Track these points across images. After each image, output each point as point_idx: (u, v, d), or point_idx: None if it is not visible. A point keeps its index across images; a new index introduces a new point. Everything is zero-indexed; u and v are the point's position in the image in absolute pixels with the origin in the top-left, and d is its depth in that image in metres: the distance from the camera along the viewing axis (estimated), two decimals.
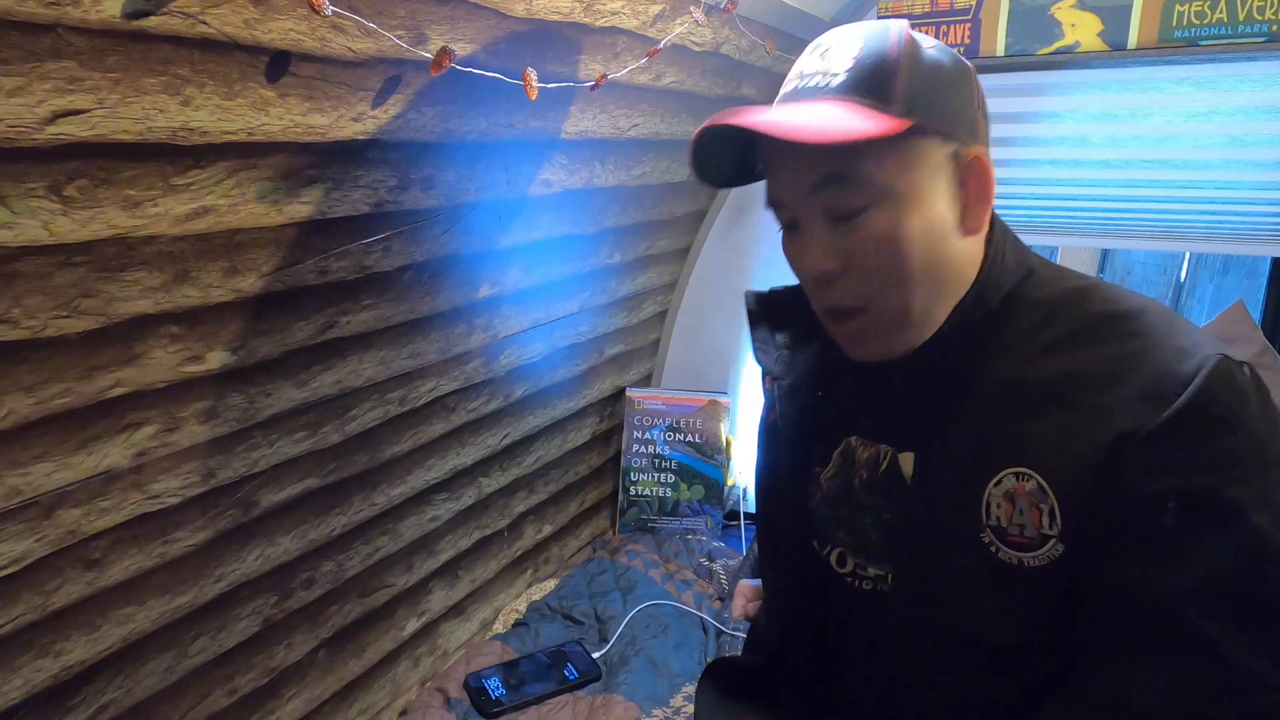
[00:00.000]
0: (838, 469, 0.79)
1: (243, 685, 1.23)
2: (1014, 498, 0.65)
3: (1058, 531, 0.63)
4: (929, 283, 0.67)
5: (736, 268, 2.10)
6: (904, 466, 0.74)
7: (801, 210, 0.68)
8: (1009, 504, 0.65)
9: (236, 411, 1.06)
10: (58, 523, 0.91)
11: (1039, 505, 0.64)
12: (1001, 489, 0.65)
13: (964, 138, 0.67)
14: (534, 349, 1.67)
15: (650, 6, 1.22)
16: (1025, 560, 0.64)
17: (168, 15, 0.71)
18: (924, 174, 0.66)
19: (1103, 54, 1.52)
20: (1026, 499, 0.64)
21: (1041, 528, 0.64)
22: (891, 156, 0.65)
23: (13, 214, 0.72)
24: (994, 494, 0.66)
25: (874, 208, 0.65)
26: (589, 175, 1.48)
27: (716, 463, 2.14)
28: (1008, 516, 0.65)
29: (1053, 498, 0.63)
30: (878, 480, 0.76)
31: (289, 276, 1.03)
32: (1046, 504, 0.63)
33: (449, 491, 1.59)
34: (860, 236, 0.66)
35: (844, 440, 0.79)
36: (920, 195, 0.65)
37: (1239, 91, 1.49)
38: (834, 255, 0.67)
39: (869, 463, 0.77)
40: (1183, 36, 1.44)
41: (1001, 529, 0.65)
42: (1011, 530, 0.65)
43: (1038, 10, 1.56)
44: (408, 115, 1.02)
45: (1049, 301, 0.69)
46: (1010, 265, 0.71)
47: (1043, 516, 0.64)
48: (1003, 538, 0.65)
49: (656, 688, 1.51)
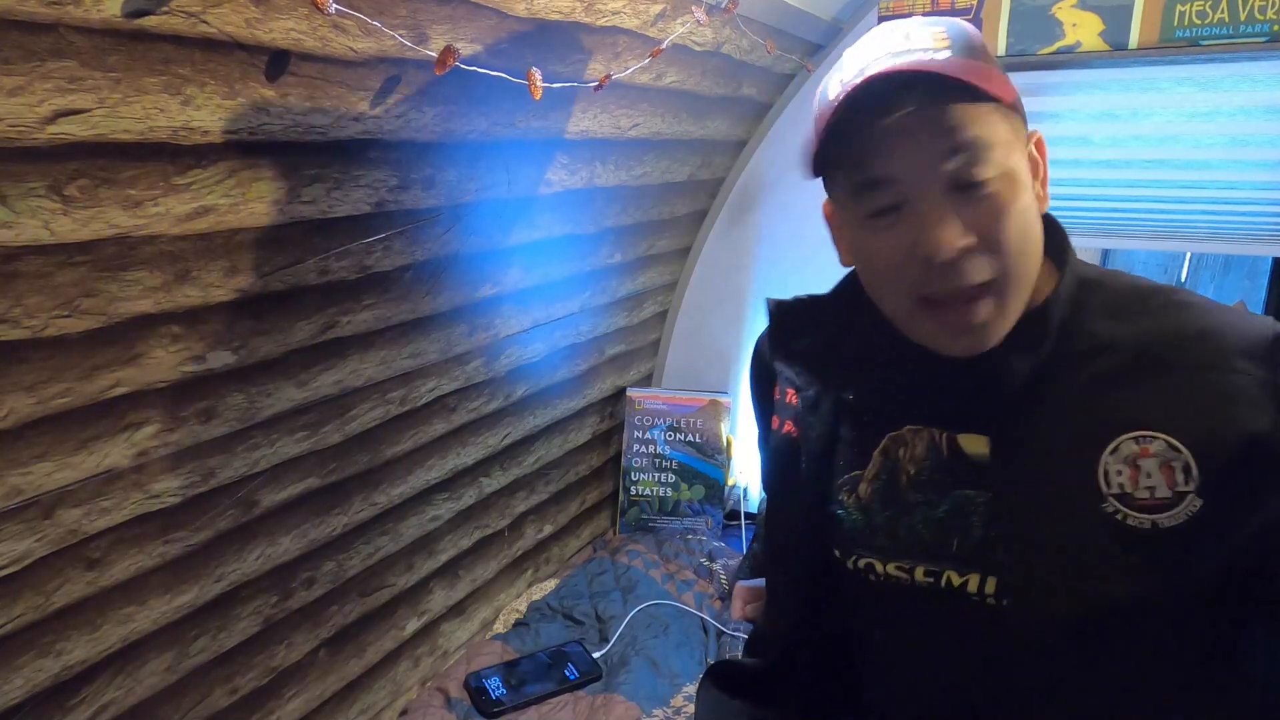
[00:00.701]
0: (879, 469, 0.77)
1: (243, 685, 1.23)
2: (1137, 461, 0.64)
3: (1194, 486, 0.63)
4: (1034, 262, 0.68)
5: (737, 268, 2.10)
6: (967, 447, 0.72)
7: (924, 185, 0.65)
8: (1132, 469, 0.64)
9: (237, 411, 1.06)
10: (58, 522, 0.91)
11: (1171, 464, 0.63)
12: (1119, 456, 0.65)
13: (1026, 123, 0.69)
14: (535, 349, 1.67)
15: (651, 6, 1.21)
16: (1160, 522, 0.64)
17: (169, 15, 0.71)
18: (1020, 149, 0.67)
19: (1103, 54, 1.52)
20: (1154, 460, 0.64)
21: (1175, 485, 0.63)
22: (1006, 126, 0.65)
23: (14, 213, 0.72)
24: (1110, 462, 0.65)
25: (997, 180, 0.64)
26: (590, 175, 1.48)
27: (717, 463, 2.14)
28: (1132, 482, 0.64)
29: (1186, 453, 0.63)
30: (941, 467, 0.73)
31: (289, 276, 1.03)
32: (1180, 460, 0.63)
33: (449, 491, 1.59)
34: (988, 209, 0.64)
35: (885, 437, 0.76)
36: (1023, 173, 0.66)
37: (1240, 91, 1.49)
38: (969, 228, 0.64)
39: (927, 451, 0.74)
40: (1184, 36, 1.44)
41: (1127, 495, 0.64)
42: (1139, 494, 0.64)
43: (1038, 10, 1.56)
44: (409, 115, 1.02)
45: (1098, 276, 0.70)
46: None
47: (1176, 474, 0.63)
48: (1129, 503, 0.64)
49: (657, 688, 1.51)
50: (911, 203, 0.66)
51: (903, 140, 0.65)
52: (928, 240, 0.65)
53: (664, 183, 1.76)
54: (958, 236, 0.64)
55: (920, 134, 0.64)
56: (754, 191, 2.01)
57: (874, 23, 1.73)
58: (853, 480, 0.78)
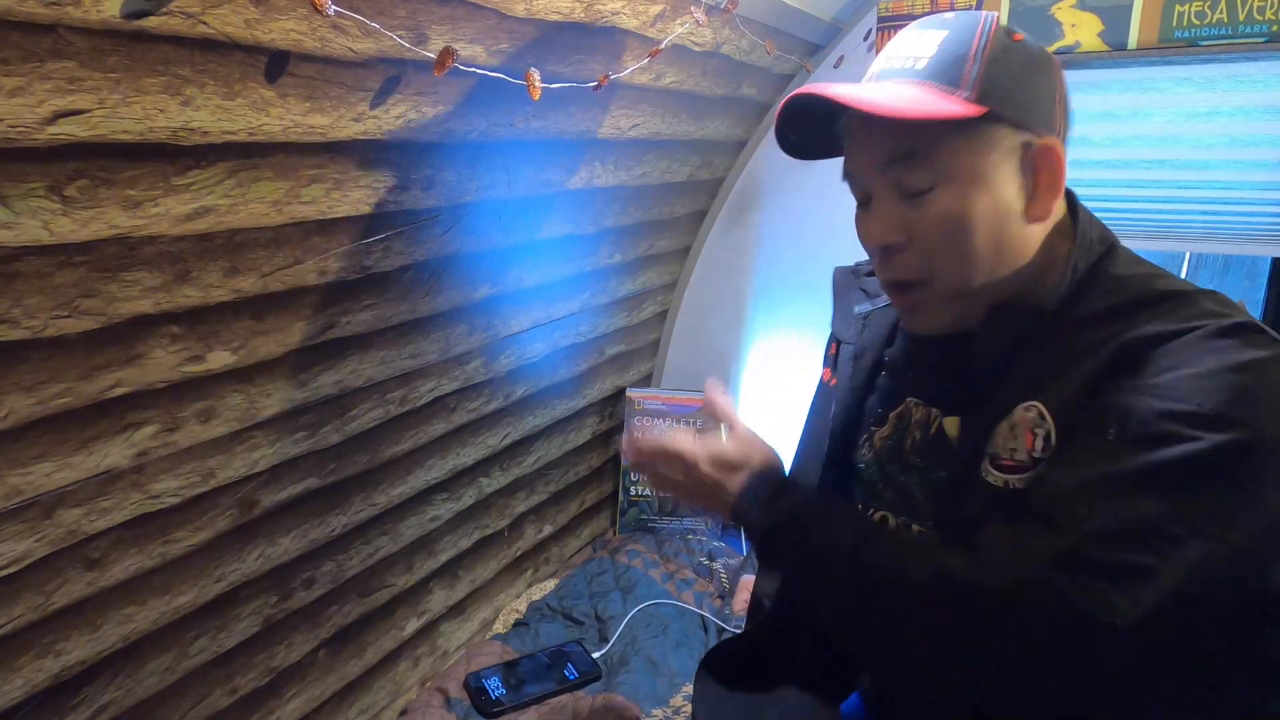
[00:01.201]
0: (893, 429, 0.83)
1: (243, 685, 1.23)
2: (1014, 426, 0.67)
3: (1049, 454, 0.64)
4: (989, 263, 0.70)
5: (736, 268, 2.10)
6: (949, 429, 0.77)
7: (873, 185, 0.72)
8: (1008, 433, 0.67)
9: (236, 411, 1.06)
10: (58, 522, 0.91)
11: (1034, 430, 0.66)
12: (1009, 420, 0.68)
13: (1038, 128, 0.69)
14: (534, 349, 1.67)
15: (650, 6, 1.22)
16: (1010, 482, 0.66)
17: (168, 15, 0.71)
18: (993, 158, 0.68)
19: (1103, 54, 1.52)
20: (1024, 425, 0.66)
21: (1034, 451, 0.65)
22: (962, 139, 0.68)
23: (13, 214, 0.72)
24: (1002, 427, 0.68)
25: (941, 186, 0.68)
26: (589, 175, 1.48)
27: None
28: (1003, 444, 0.68)
29: (1050, 422, 0.65)
30: (928, 441, 0.79)
31: (289, 276, 1.03)
32: (1043, 428, 0.65)
33: (449, 491, 1.59)
34: (926, 213, 0.69)
35: (903, 402, 0.82)
36: (987, 178, 0.68)
37: (1239, 92, 1.49)
38: (898, 229, 0.71)
39: (921, 424, 0.80)
40: (1183, 37, 1.44)
41: (995, 455, 0.68)
42: (1003, 454, 0.67)
43: (1038, 10, 1.56)
44: (408, 115, 1.02)
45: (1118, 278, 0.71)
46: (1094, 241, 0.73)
47: (1036, 440, 0.65)
48: (995, 463, 0.68)
49: (656, 688, 1.51)
50: (870, 196, 0.74)
51: (858, 142, 0.73)
52: (867, 233, 0.74)
53: (664, 183, 1.76)
54: (883, 234, 0.72)
55: (869, 137, 0.72)
56: (754, 191, 2.01)
57: (874, 23, 1.73)
58: (872, 435, 0.85)
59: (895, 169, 0.70)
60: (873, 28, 1.74)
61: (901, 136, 0.68)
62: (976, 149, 0.68)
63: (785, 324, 2.08)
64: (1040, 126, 0.69)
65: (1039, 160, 0.69)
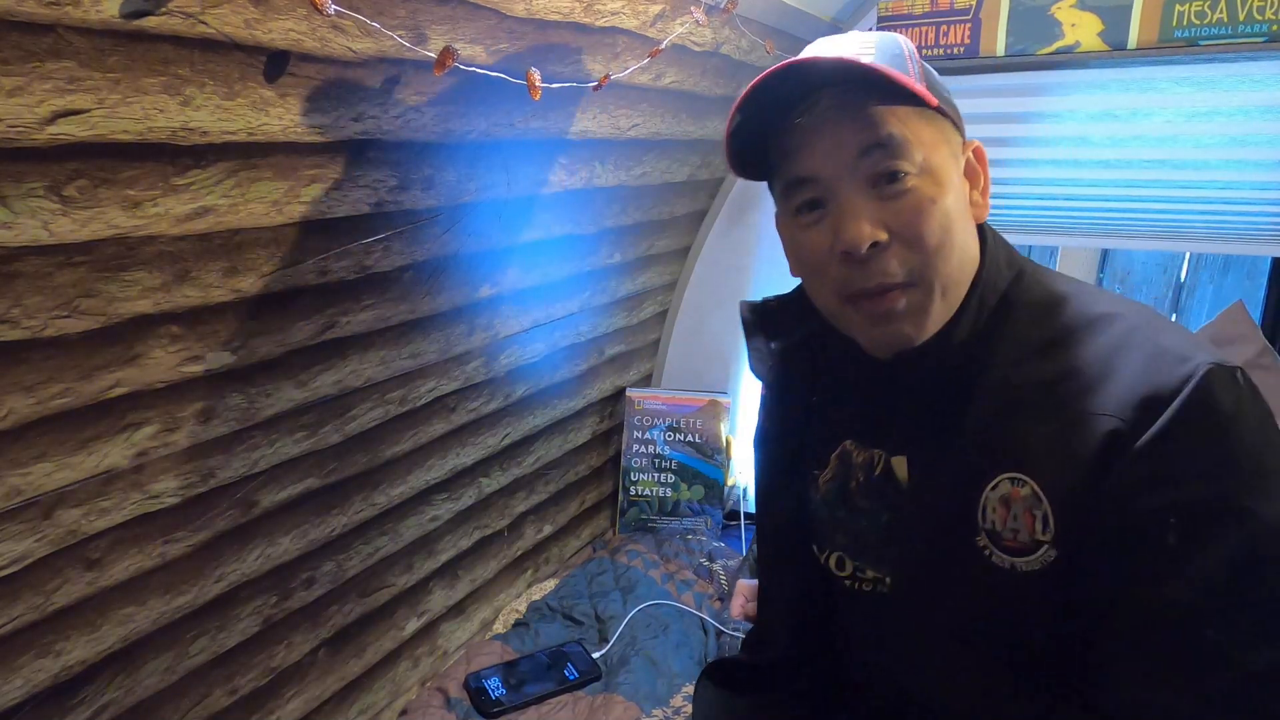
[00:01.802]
0: (835, 472, 0.80)
1: (243, 685, 1.23)
2: (1009, 502, 0.65)
3: (1050, 537, 0.63)
4: (956, 264, 0.68)
5: (737, 268, 2.10)
6: (898, 470, 0.75)
7: (841, 182, 0.67)
8: (1004, 508, 0.65)
9: (236, 411, 1.06)
10: (58, 522, 0.91)
11: (1032, 511, 0.64)
12: (998, 493, 0.66)
13: (962, 133, 0.70)
14: (534, 349, 1.67)
15: (650, 6, 1.22)
16: (1018, 565, 0.65)
17: (168, 15, 0.71)
18: (948, 155, 0.68)
19: (1103, 54, 1.52)
20: (1021, 504, 0.64)
21: (1035, 533, 0.64)
22: (930, 129, 0.67)
23: (13, 214, 0.72)
24: (990, 498, 0.66)
25: (915, 177, 0.66)
26: (589, 175, 1.48)
27: (717, 463, 2.14)
28: (1002, 521, 0.65)
29: (1046, 504, 0.63)
30: (874, 483, 0.76)
31: (289, 276, 1.03)
32: (1040, 510, 0.63)
33: (449, 491, 1.59)
34: (906, 205, 0.65)
35: (840, 444, 0.80)
36: (948, 175, 0.67)
37: (1239, 91, 1.49)
38: (880, 225, 0.66)
39: (864, 466, 0.77)
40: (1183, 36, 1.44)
41: (996, 533, 0.66)
42: (1005, 535, 0.65)
43: (1038, 10, 1.56)
44: (408, 115, 1.02)
45: (1040, 303, 0.69)
46: (1003, 265, 0.71)
47: (1035, 522, 0.64)
48: (997, 542, 0.66)
49: (656, 688, 1.51)
50: (832, 199, 0.68)
51: (822, 137, 0.67)
52: (843, 235, 0.66)
53: (664, 183, 1.76)
54: (868, 231, 0.65)
55: (838, 131, 0.66)
56: (754, 191, 2.01)
57: (874, 23, 1.73)
58: (815, 477, 0.82)
59: (870, 159, 0.66)
60: (872, 27, 1.74)
61: (887, 122, 0.65)
62: (939, 140, 0.67)
63: None
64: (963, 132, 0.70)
65: (979, 160, 0.70)
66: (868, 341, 0.72)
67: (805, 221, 0.70)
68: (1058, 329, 0.67)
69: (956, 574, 0.68)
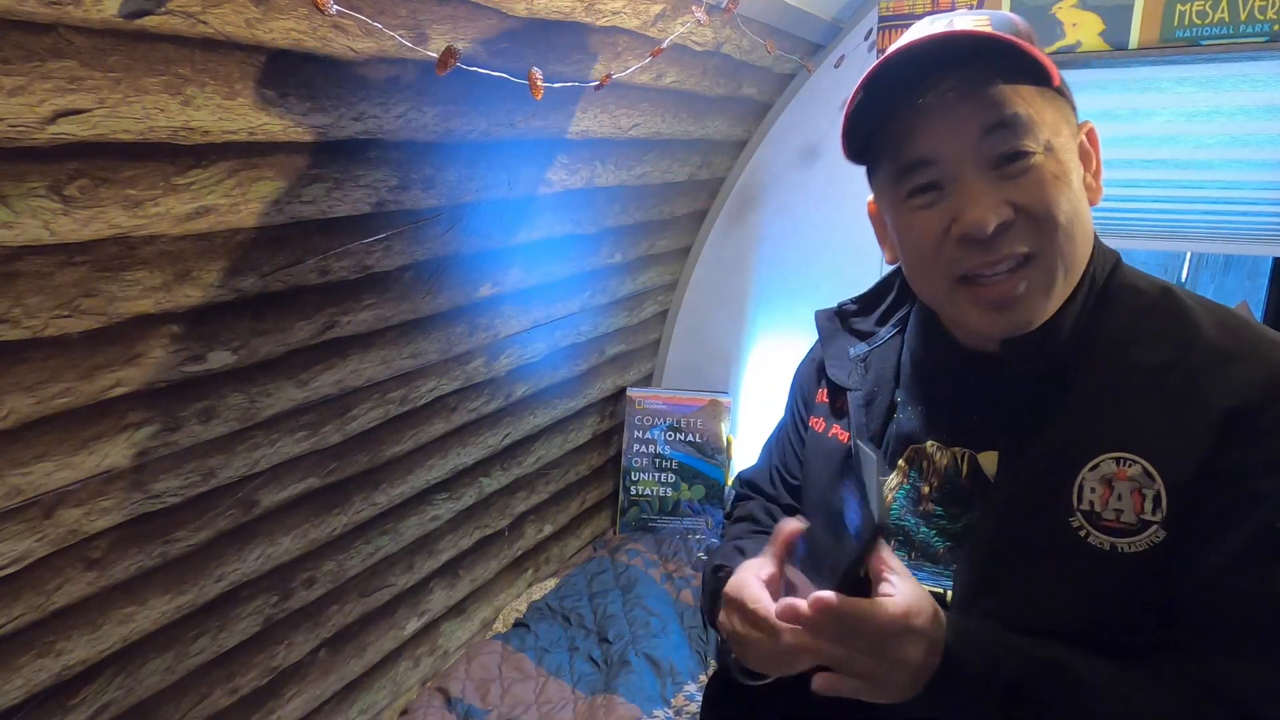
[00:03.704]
0: (904, 477, 0.77)
1: (243, 685, 1.23)
2: (1112, 482, 0.64)
3: (1161, 518, 0.62)
4: (1080, 245, 0.66)
5: (737, 268, 2.10)
6: (986, 466, 0.72)
7: (964, 164, 0.65)
8: (1105, 488, 0.64)
9: (237, 411, 1.06)
10: (59, 522, 0.91)
11: (1142, 490, 0.63)
12: (1098, 474, 0.64)
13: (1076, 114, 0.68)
14: (535, 349, 1.67)
15: (651, 6, 1.21)
16: (1119, 545, 0.63)
17: (168, 15, 0.71)
18: (1068, 135, 0.66)
19: (1104, 54, 1.52)
20: (1127, 484, 0.63)
21: (1142, 513, 0.63)
22: (1051, 109, 0.65)
23: (14, 213, 0.72)
24: (1088, 478, 0.65)
25: (1040, 156, 0.64)
26: (590, 175, 1.48)
27: (717, 462, 2.14)
28: (1103, 501, 0.64)
29: (1160, 483, 0.62)
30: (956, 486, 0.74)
31: (289, 276, 1.03)
32: (1152, 489, 0.62)
33: (450, 491, 1.59)
34: (1032, 180, 0.64)
35: (911, 448, 0.77)
36: (1070, 155, 0.65)
37: (1240, 91, 1.49)
38: (1005, 204, 0.64)
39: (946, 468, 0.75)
40: (1184, 36, 1.44)
41: (1094, 514, 0.64)
42: (1106, 515, 0.64)
43: (1039, 10, 1.56)
44: (408, 115, 1.02)
45: (1144, 291, 0.68)
46: (1105, 251, 0.71)
47: (1145, 501, 0.63)
48: (1095, 522, 0.64)
49: (657, 688, 1.51)
50: (951, 181, 0.66)
51: (943, 118, 0.65)
52: (966, 216, 0.64)
53: (664, 183, 1.76)
54: (993, 211, 0.63)
55: (961, 111, 0.64)
56: (754, 191, 2.01)
57: (874, 23, 1.73)
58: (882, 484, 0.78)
59: (993, 140, 0.64)
60: (873, 27, 1.73)
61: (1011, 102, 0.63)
62: (1060, 120, 0.65)
63: (785, 324, 2.08)
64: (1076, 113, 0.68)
65: (1091, 142, 0.68)
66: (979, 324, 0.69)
67: (917, 204, 0.68)
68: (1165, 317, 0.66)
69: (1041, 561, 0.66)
